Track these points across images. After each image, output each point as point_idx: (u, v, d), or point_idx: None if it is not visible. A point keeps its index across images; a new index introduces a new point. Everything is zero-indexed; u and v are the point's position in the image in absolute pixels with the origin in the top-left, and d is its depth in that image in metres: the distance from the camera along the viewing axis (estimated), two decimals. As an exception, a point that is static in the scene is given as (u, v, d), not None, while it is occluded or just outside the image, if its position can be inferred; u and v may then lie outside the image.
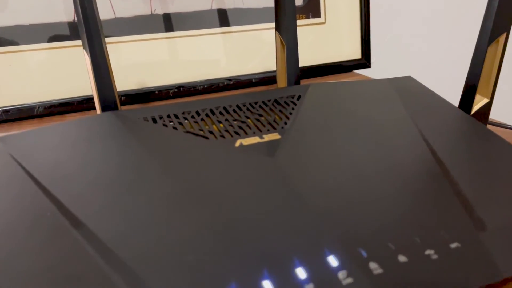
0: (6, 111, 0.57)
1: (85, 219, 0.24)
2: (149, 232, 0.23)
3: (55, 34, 0.59)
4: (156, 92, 0.63)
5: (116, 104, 0.37)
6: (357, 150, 0.30)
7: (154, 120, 0.34)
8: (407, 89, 0.41)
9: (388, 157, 0.29)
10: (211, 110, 0.36)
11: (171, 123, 0.34)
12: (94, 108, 0.60)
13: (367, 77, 0.72)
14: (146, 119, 0.34)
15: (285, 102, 0.38)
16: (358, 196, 0.25)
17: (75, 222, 0.24)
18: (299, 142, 0.31)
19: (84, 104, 0.60)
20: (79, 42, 0.60)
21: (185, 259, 0.21)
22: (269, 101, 0.38)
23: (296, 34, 0.41)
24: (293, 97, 0.39)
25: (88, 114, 0.60)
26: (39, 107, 0.58)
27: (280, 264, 0.21)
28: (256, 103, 0.38)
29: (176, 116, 0.35)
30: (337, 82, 0.42)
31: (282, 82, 0.42)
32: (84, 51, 0.36)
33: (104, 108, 0.36)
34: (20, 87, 0.58)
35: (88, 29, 0.35)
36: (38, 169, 0.28)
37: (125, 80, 0.62)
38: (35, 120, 0.58)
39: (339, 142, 0.31)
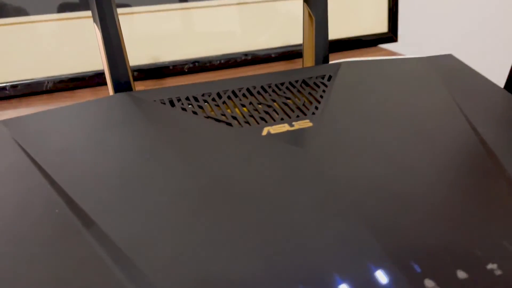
0: (14, 86, 0.54)
1: (96, 218, 0.21)
2: (170, 237, 0.20)
3: (65, 2, 0.56)
4: (170, 67, 0.60)
5: (130, 85, 0.34)
6: (400, 140, 0.27)
7: (172, 103, 0.31)
8: (448, 69, 0.37)
9: (435, 149, 0.26)
10: (233, 92, 0.33)
11: (190, 106, 0.31)
12: (106, 84, 0.57)
13: (394, 52, 0.68)
14: (163, 102, 0.31)
15: (315, 84, 0.34)
16: (406, 197, 0.22)
17: (86, 221, 0.21)
18: (333, 130, 0.28)
19: (95, 79, 0.57)
20: (89, 13, 0.57)
21: (212, 268, 0.18)
22: (296, 81, 0.35)
23: (327, 6, 0.37)
24: (323, 78, 0.35)
25: (99, 90, 0.57)
26: (48, 82, 0.55)
27: (319, 279, 0.18)
28: (282, 84, 0.34)
29: (196, 99, 0.32)
30: (371, 60, 0.38)
31: (309, 59, 0.38)
32: (95, 25, 0.33)
33: (117, 89, 0.33)
34: (28, 61, 0.55)
35: (99, 1, 0.31)
36: (44, 157, 0.26)
37: (137, 54, 0.59)
38: (45, 96, 0.56)
39: (378, 131, 0.28)
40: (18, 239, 0.20)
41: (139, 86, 0.58)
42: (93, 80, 0.57)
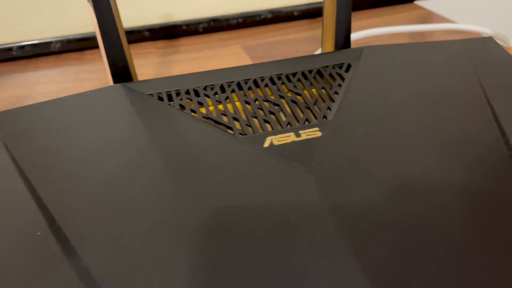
0: (21, 47, 0.52)
1: (79, 247, 0.20)
2: (152, 272, 0.18)
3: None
4: (184, 27, 0.56)
5: (129, 74, 0.31)
6: (429, 162, 0.23)
7: (170, 98, 0.29)
8: (486, 57, 0.32)
9: (467, 170, 0.23)
10: (238, 85, 0.30)
11: (189, 100, 0.28)
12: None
13: (431, 12, 0.61)
14: (160, 96, 0.29)
15: (330, 75, 0.31)
16: (437, 236, 0.19)
17: (67, 250, 0.20)
18: (344, 143, 0.24)
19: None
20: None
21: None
22: (310, 72, 0.31)
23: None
24: (340, 67, 0.31)
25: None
26: (56, 43, 0.53)
27: None
28: (294, 74, 0.31)
29: (197, 93, 0.29)
30: (397, 45, 0.33)
31: (328, 41, 0.34)
32: (89, 5, 0.29)
33: (116, 79, 0.31)
34: (35, 21, 0.52)
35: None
36: (27, 162, 0.24)
37: (149, 12, 0.55)
38: (52, 57, 0.53)
39: (401, 145, 0.24)
40: None
41: (149, 47, 0.55)
42: (103, 40, 0.54)
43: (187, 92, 0.29)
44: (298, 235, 0.19)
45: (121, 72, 0.31)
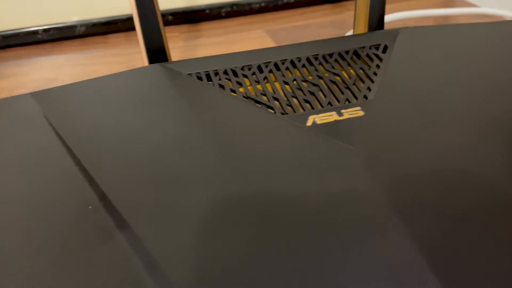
0: (46, 30, 0.52)
1: (132, 220, 0.20)
2: (198, 240, 0.19)
3: None
4: (207, 11, 0.56)
5: (165, 54, 0.31)
6: (472, 138, 0.23)
7: (209, 77, 0.29)
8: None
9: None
10: (275, 65, 0.30)
11: (228, 80, 0.28)
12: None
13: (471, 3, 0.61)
14: (199, 76, 0.29)
15: (367, 56, 0.31)
16: (483, 214, 0.19)
17: (120, 221, 0.20)
18: (388, 122, 0.24)
19: (128, 23, 0.54)
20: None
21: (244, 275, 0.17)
22: (346, 53, 0.31)
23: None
24: (377, 48, 0.31)
25: (133, 36, 0.54)
26: (80, 26, 0.53)
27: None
28: (330, 55, 0.31)
29: (235, 73, 0.29)
30: (436, 26, 0.33)
31: (361, 22, 0.34)
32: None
33: (152, 59, 0.31)
34: (60, 4, 0.52)
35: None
36: (75, 139, 0.24)
37: (172, -4, 0.55)
38: (77, 41, 0.54)
39: (445, 125, 0.24)
40: (46, 238, 0.19)
41: (173, 31, 0.55)
42: (126, 24, 0.54)
43: (225, 72, 0.29)
44: (346, 213, 0.19)
45: (158, 53, 0.31)
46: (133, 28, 0.55)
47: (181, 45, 0.52)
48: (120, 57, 0.50)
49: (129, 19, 0.54)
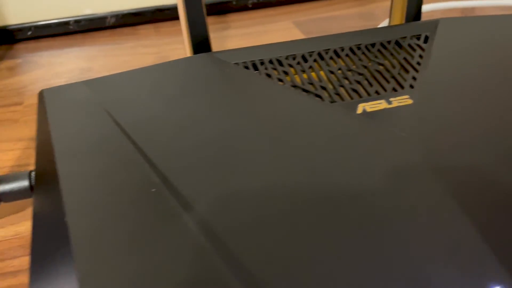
0: (77, 21, 0.53)
1: (193, 199, 0.21)
2: (263, 228, 0.19)
3: None
4: (234, 3, 0.56)
5: (209, 45, 0.32)
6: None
7: (255, 67, 0.29)
8: None
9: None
10: (319, 54, 0.30)
11: (274, 70, 0.29)
12: (167, 20, 0.55)
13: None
14: (246, 66, 0.29)
15: (409, 46, 0.31)
16: None
17: (183, 202, 0.21)
18: (438, 110, 0.25)
19: (157, 15, 0.55)
20: None
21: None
22: (388, 42, 0.31)
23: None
24: (418, 38, 0.32)
25: (161, 27, 0.55)
26: (110, 18, 0.53)
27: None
28: (373, 45, 0.31)
29: (280, 63, 0.30)
30: (475, 17, 0.34)
31: (397, 15, 0.34)
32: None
33: (196, 49, 0.31)
34: (91, -4, 0.53)
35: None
36: (132, 125, 0.25)
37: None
38: (107, 32, 0.54)
39: (494, 109, 0.25)
40: (117, 220, 0.20)
41: (202, 23, 0.55)
42: (155, 15, 0.55)
43: (271, 62, 0.30)
44: (403, 196, 0.20)
45: (202, 43, 0.32)
46: (161, 20, 0.56)
47: (211, 36, 0.53)
48: (150, 48, 0.50)
49: (158, 10, 0.55)
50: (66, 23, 0.53)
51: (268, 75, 0.29)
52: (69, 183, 0.22)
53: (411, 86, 0.27)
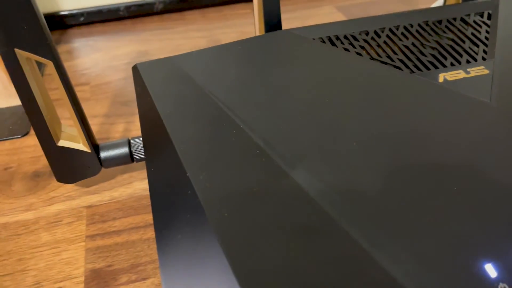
0: (127, 7, 0.54)
1: (295, 161, 0.23)
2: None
3: None
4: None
5: (280, 24, 0.33)
6: None
7: (332, 42, 0.31)
8: None
9: None
10: (390, 30, 0.32)
11: (350, 44, 0.31)
12: (213, 5, 0.57)
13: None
14: (322, 40, 0.31)
15: (475, 22, 0.33)
16: None
17: (286, 162, 0.23)
18: (512, 79, 0.27)
19: (203, 0, 0.56)
20: None
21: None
22: (454, 19, 0.33)
23: None
24: (481, 15, 0.33)
25: (207, 13, 0.56)
26: (158, 3, 0.55)
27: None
28: (439, 22, 0.33)
29: (355, 38, 0.31)
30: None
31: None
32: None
33: (268, 28, 0.33)
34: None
35: None
36: (223, 92, 0.27)
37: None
38: (156, 17, 0.56)
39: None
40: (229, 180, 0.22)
41: (246, 8, 0.57)
42: (201, 1, 0.56)
43: (345, 37, 0.31)
44: (497, 165, 0.22)
45: (274, 22, 0.34)
46: (207, 6, 0.57)
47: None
48: (201, 32, 0.52)
49: (204, -4, 0.56)
50: (117, 9, 0.54)
51: (346, 49, 0.30)
52: (182, 145, 0.24)
53: (484, 58, 0.29)
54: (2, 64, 0.37)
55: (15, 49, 0.22)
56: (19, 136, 0.36)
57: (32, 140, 0.36)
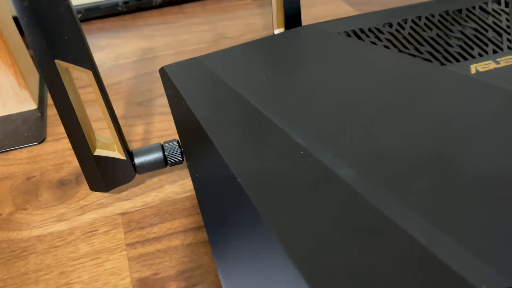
0: (125, 2, 0.53)
1: (341, 162, 0.23)
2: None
3: None
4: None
5: (300, 19, 0.33)
6: None
7: (357, 35, 0.31)
8: None
9: None
10: (413, 21, 0.32)
11: (377, 39, 0.31)
12: (216, -2, 0.56)
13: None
14: (348, 34, 0.31)
15: (493, 10, 0.33)
16: None
17: (334, 163, 0.23)
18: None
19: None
20: None
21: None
22: (473, 8, 0.33)
23: None
24: (498, 3, 0.34)
25: (207, 5, 0.55)
26: (157, -2, 0.54)
27: None
28: (459, 11, 0.33)
29: (379, 30, 0.31)
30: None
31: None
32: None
33: (288, 24, 0.33)
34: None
35: None
36: (253, 92, 0.27)
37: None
38: (155, 11, 0.55)
39: None
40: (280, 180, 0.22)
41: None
42: (201, -7, 0.55)
43: (370, 30, 0.31)
44: None
45: (293, 17, 0.33)
46: (206, -3, 0.56)
47: (258, 12, 0.54)
48: (204, 25, 0.51)
49: (203, -12, 0.55)
50: (115, 4, 0.53)
51: (373, 43, 0.30)
52: (227, 151, 0.24)
53: (509, 48, 0.29)
54: (13, 68, 0.36)
55: (55, 60, 0.21)
56: (35, 143, 0.35)
57: (50, 147, 0.35)
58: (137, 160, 0.27)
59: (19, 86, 0.37)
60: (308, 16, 0.52)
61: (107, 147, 0.26)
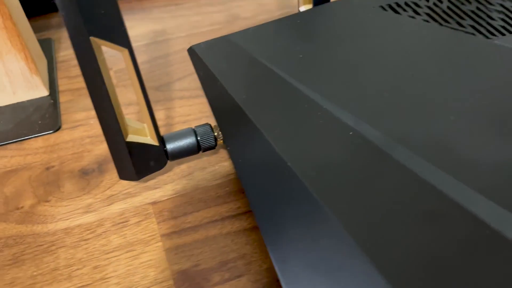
0: (131, -17, 0.51)
1: (393, 142, 0.21)
2: None
3: None
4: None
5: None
6: None
7: (394, 9, 0.29)
8: None
9: None
10: (449, -5, 0.31)
11: (414, 12, 0.29)
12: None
13: None
14: (383, 8, 0.29)
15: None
16: None
17: (385, 143, 0.21)
18: None
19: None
20: None
21: None
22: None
23: None
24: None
25: (218, -15, 0.53)
26: (164, -22, 0.51)
27: None
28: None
29: (417, 4, 0.30)
30: None
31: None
32: None
33: (318, 0, 0.31)
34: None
35: None
36: (288, 68, 0.25)
37: None
38: (162, -7, 0.52)
39: None
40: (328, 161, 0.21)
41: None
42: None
43: (407, 4, 0.30)
44: None
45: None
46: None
47: (270, -8, 0.52)
48: (215, 6, 0.49)
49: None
50: (121, -14, 0.50)
51: (412, 17, 0.29)
52: (271, 133, 0.22)
53: (553, 20, 0.28)
54: (23, 52, 0.34)
55: (91, 37, 0.19)
56: (51, 131, 0.33)
57: (67, 135, 0.33)
58: (169, 146, 0.26)
59: (29, 72, 0.35)
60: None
61: (138, 133, 0.24)
